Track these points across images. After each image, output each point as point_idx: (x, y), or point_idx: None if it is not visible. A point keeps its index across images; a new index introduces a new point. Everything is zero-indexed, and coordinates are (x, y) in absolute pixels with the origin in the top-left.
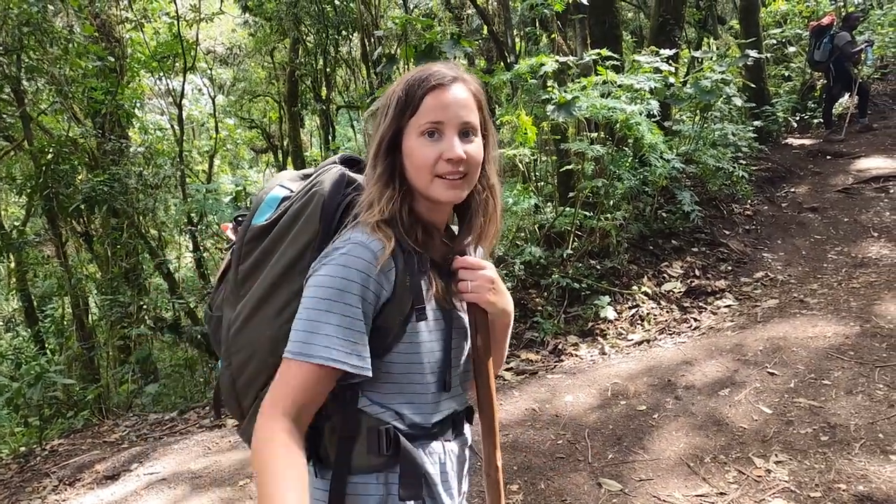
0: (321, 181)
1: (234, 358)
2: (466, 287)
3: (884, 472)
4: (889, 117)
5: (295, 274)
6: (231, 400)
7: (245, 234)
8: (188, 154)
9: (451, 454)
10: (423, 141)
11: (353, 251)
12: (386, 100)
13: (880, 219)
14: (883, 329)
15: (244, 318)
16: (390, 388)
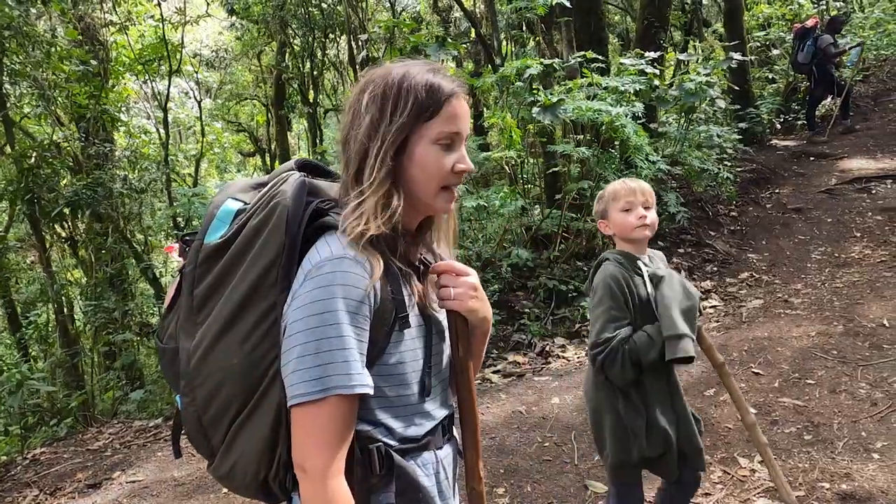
0: (282, 191)
1: (198, 392)
2: (449, 294)
3: (866, 470)
4: (871, 119)
5: (262, 293)
6: (198, 437)
7: (198, 255)
8: (174, 158)
9: (443, 462)
10: (437, 150)
11: (340, 266)
12: (390, 93)
13: (863, 219)
14: (865, 328)
15: (206, 346)
16: (378, 402)
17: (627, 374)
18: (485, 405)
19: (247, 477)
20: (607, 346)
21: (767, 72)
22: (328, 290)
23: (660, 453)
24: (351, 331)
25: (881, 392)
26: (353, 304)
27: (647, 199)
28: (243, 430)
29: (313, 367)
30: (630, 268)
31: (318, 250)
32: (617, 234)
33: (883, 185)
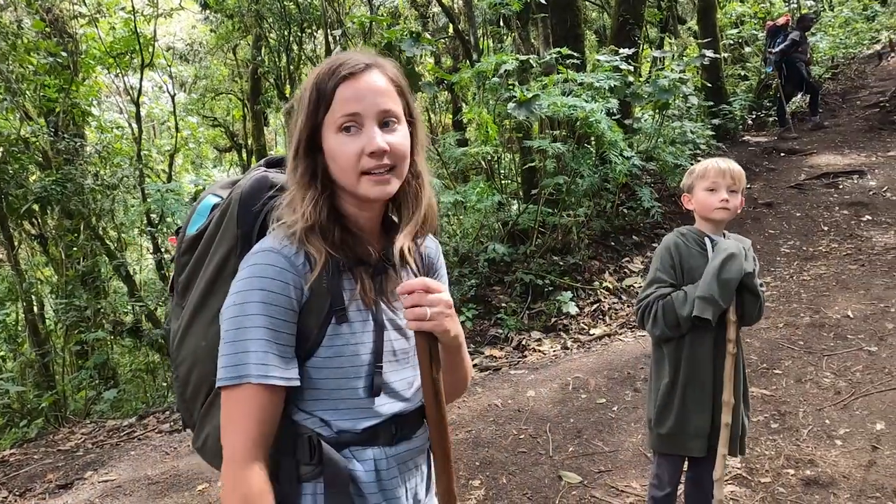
0: (241, 185)
1: (180, 369)
2: (424, 314)
3: (829, 456)
4: (839, 115)
5: (222, 281)
6: (184, 411)
7: (181, 245)
8: (148, 153)
9: (392, 460)
10: (342, 138)
11: (263, 259)
12: (300, 97)
13: (830, 213)
14: (830, 319)
15: (183, 328)
16: (314, 394)
17: (657, 328)
18: (461, 399)
19: (216, 452)
20: (645, 303)
21: (740, 69)
22: (249, 283)
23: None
24: (267, 322)
25: (844, 381)
26: (272, 297)
27: (734, 182)
28: (213, 407)
29: (230, 354)
30: (691, 240)
31: (258, 243)
32: (697, 210)
33: (850, 180)
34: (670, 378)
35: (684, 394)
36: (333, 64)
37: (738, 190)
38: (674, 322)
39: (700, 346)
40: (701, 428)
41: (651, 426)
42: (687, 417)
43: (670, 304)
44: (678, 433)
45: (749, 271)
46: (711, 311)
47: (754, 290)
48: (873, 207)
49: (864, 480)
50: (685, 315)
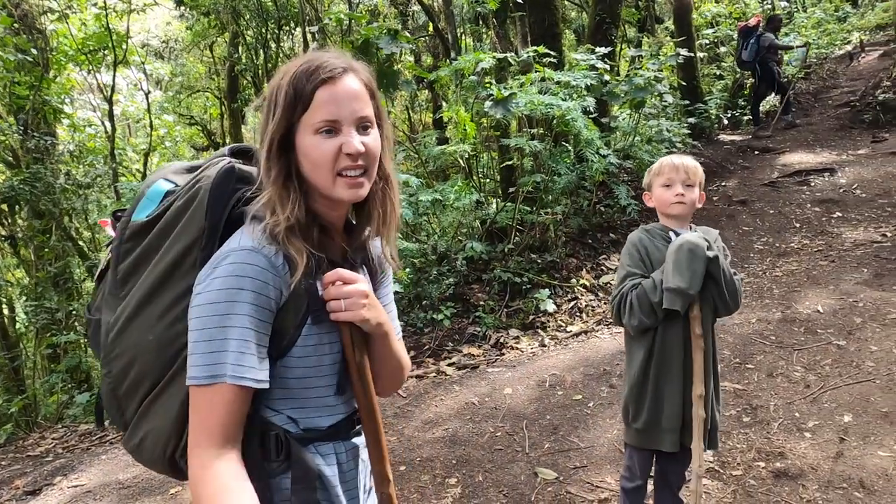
0: (207, 175)
1: (113, 364)
2: (340, 306)
3: (798, 448)
4: (811, 114)
5: (180, 274)
6: (112, 409)
7: (125, 231)
8: (122, 152)
9: (350, 453)
10: (319, 139)
11: (244, 258)
12: (272, 94)
13: (802, 210)
14: (801, 314)
15: (125, 320)
16: (283, 393)
17: (635, 319)
18: (439, 397)
19: (155, 451)
20: (618, 296)
21: (715, 69)
22: (230, 281)
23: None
24: (248, 322)
25: (814, 374)
26: (254, 297)
27: (689, 176)
28: (154, 405)
29: (205, 353)
30: (656, 235)
31: (231, 240)
32: (657, 207)
33: (821, 177)
34: (642, 372)
35: (656, 388)
36: (310, 65)
37: (695, 184)
38: (649, 309)
39: (671, 341)
40: (673, 423)
41: (627, 420)
42: (660, 412)
43: (643, 292)
44: (652, 427)
45: (711, 256)
46: (680, 301)
47: (717, 278)
48: (843, 204)
49: (832, 472)
50: (657, 301)
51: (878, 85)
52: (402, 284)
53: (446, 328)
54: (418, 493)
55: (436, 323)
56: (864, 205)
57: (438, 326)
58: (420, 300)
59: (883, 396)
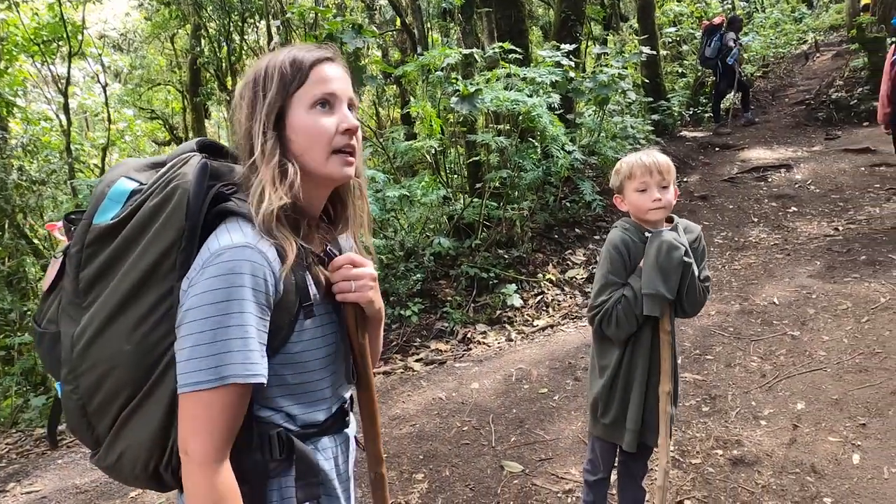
0: (183, 173)
1: (82, 379)
2: (350, 287)
3: (754, 435)
4: (769, 112)
5: (158, 278)
6: (81, 426)
7: (85, 236)
8: (80, 147)
9: (341, 447)
10: (315, 112)
11: (239, 255)
12: (259, 77)
13: (760, 205)
14: (758, 306)
15: (94, 331)
16: (280, 389)
17: (622, 331)
18: (406, 393)
19: (136, 467)
20: (601, 309)
21: (678, 66)
22: (227, 279)
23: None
24: (250, 319)
25: (770, 364)
26: (253, 293)
27: (663, 177)
28: (133, 418)
29: (210, 355)
30: (635, 234)
31: (218, 238)
32: (632, 212)
33: (778, 173)
34: (615, 371)
35: (626, 386)
36: (305, 48)
37: (669, 183)
38: (634, 322)
39: (643, 341)
40: (634, 423)
41: (596, 414)
42: (627, 409)
43: (627, 306)
44: (619, 424)
45: (688, 262)
46: (659, 307)
47: (684, 285)
48: (799, 200)
49: (786, 457)
50: (640, 313)
51: (831, 84)
52: None
53: (414, 324)
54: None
55: (403, 319)
56: (817, 200)
57: (406, 322)
58: (387, 296)
59: (833, 384)
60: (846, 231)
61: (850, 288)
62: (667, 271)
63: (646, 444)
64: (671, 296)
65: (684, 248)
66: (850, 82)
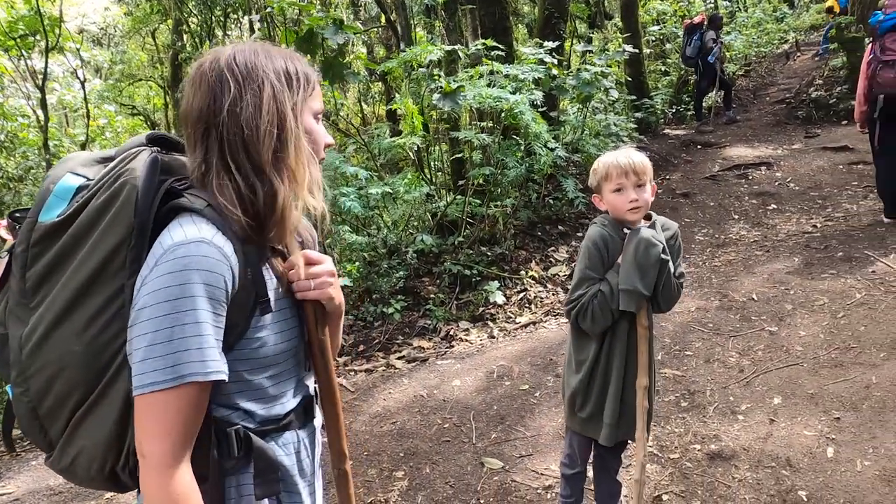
0: (131, 168)
1: (32, 381)
2: (309, 285)
3: (732, 430)
4: (750, 110)
5: (108, 277)
6: (34, 429)
7: (31, 234)
8: (59, 143)
9: (304, 441)
10: (315, 123)
11: (194, 251)
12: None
13: (740, 202)
14: (737, 302)
15: (42, 332)
16: (237, 386)
17: (598, 325)
18: (388, 391)
19: (91, 469)
20: (578, 303)
21: (661, 65)
22: (181, 276)
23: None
24: (207, 317)
25: (748, 360)
26: (209, 290)
27: (639, 177)
28: (87, 420)
29: (166, 354)
30: (614, 231)
31: (171, 234)
32: (610, 211)
33: (758, 171)
34: (592, 366)
35: (604, 381)
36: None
37: (645, 183)
38: (610, 316)
39: (620, 335)
40: (611, 417)
41: (573, 408)
42: (604, 403)
43: (603, 300)
44: (596, 418)
45: (665, 259)
46: (635, 302)
47: (660, 282)
48: (778, 197)
49: (762, 452)
50: (615, 306)
51: (811, 83)
52: (352, 278)
53: (396, 322)
54: (365, 488)
55: (386, 316)
56: (797, 197)
57: (388, 320)
58: (370, 294)
59: (809, 379)
60: (824, 228)
61: (827, 284)
62: (644, 268)
63: (622, 438)
64: (648, 292)
65: (662, 246)
66: (829, 81)
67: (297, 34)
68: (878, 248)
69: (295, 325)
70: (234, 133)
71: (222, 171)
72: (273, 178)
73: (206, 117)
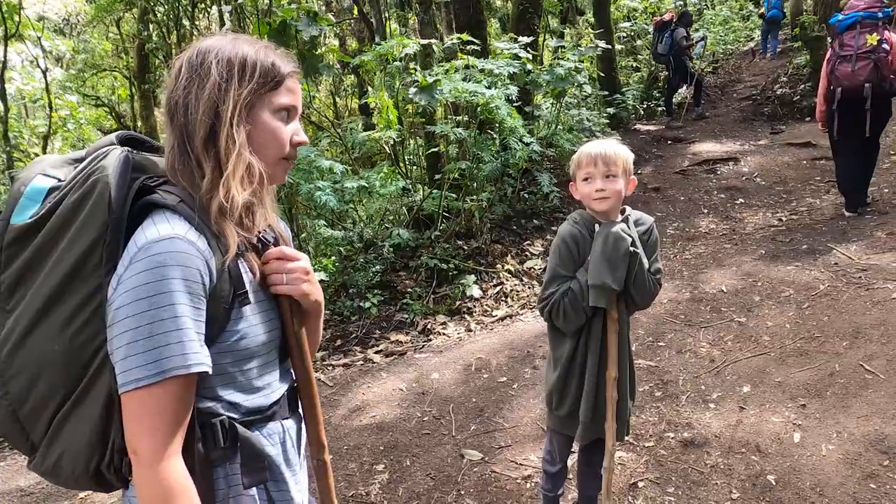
0: (103, 166)
1: (11, 384)
2: (281, 280)
3: (703, 418)
4: (718, 107)
5: (84, 276)
6: (15, 432)
7: (3, 237)
8: (19, 134)
9: (289, 431)
10: (278, 118)
11: (168, 247)
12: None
13: (709, 197)
14: (707, 294)
15: (20, 334)
16: (220, 379)
17: (571, 323)
18: (366, 385)
19: (76, 469)
20: (549, 301)
21: (632, 61)
22: (157, 272)
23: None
24: (186, 311)
25: (718, 350)
26: (187, 284)
27: (609, 168)
28: (69, 420)
29: (147, 350)
30: (584, 227)
31: (145, 231)
32: (582, 200)
33: (726, 166)
34: (568, 363)
35: (580, 378)
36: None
37: (617, 174)
38: (581, 312)
39: (595, 332)
40: (587, 415)
41: (551, 406)
42: (580, 401)
43: (573, 297)
44: (573, 416)
45: (634, 252)
46: (605, 299)
47: (631, 275)
48: (746, 191)
49: (733, 438)
50: (586, 303)
51: (776, 80)
52: (328, 273)
53: (374, 316)
54: (345, 482)
55: (363, 311)
56: (763, 191)
57: (365, 314)
58: (347, 288)
59: (777, 368)
60: (789, 221)
61: (793, 276)
62: (613, 262)
63: (599, 436)
64: (618, 287)
65: (630, 240)
66: (793, 79)
67: (269, 26)
68: (839, 241)
69: (274, 317)
70: (181, 120)
71: (179, 154)
72: (204, 166)
73: (168, 104)
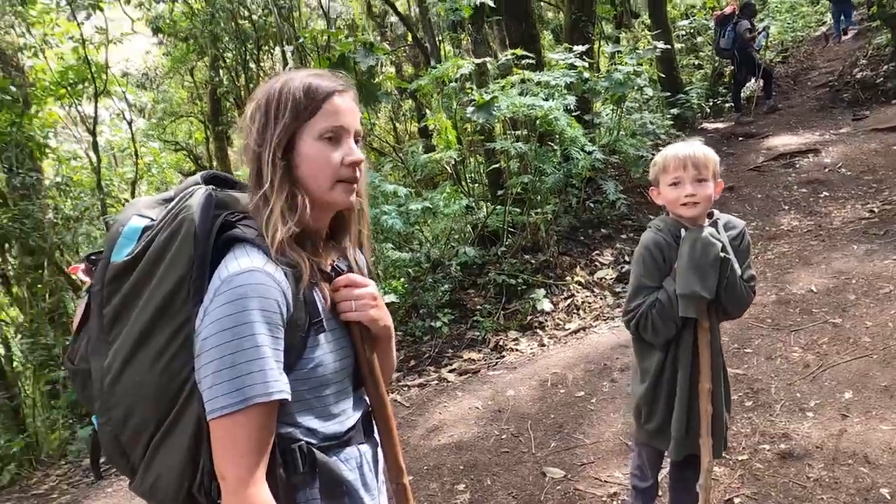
0: (188, 205)
1: (113, 412)
2: (350, 307)
3: (802, 428)
4: (791, 97)
5: (174, 310)
6: (117, 456)
7: (105, 274)
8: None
9: (366, 456)
10: (323, 143)
11: (248, 279)
12: (270, 101)
13: (789, 192)
14: (795, 295)
15: (120, 364)
16: (298, 405)
17: (660, 335)
18: (442, 404)
19: (170, 490)
20: (636, 313)
21: (694, 59)
22: (239, 304)
23: (659, 425)
24: (266, 340)
25: (812, 354)
26: (266, 315)
27: (699, 171)
28: (163, 445)
29: (231, 379)
30: (668, 233)
31: (227, 265)
32: (667, 206)
33: (805, 158)
34: (657, 375)
35: (669, 391)
36: (318, 79)
37: (707, 177)
38: (671, 325)
39: (685, 343)
40: (679, 429)
41: (639, 420)
42: (671, 414)
43: (662, 309)
44: (664, 429)
45: (725, 258)
46: (694, 307)
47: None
48: (830, 184)
49: (837, 449)
50: (677, 315)
51: (854, 64)
52: (398, 294)
53: (445, 335)
54: (427, 502)
55: (434, 330)
56: (850, 183)
57: (437, 334)
58: (417, 309)
59: (882, 371)
60: (882, 212)
61: (891, 270)
62: (703, 269)
63: (693, 451)
64: (709, 295)
65: (720, 245)
66: (874, 60)
67: (329, 60)
68: None
69: (346, 344)
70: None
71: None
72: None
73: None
